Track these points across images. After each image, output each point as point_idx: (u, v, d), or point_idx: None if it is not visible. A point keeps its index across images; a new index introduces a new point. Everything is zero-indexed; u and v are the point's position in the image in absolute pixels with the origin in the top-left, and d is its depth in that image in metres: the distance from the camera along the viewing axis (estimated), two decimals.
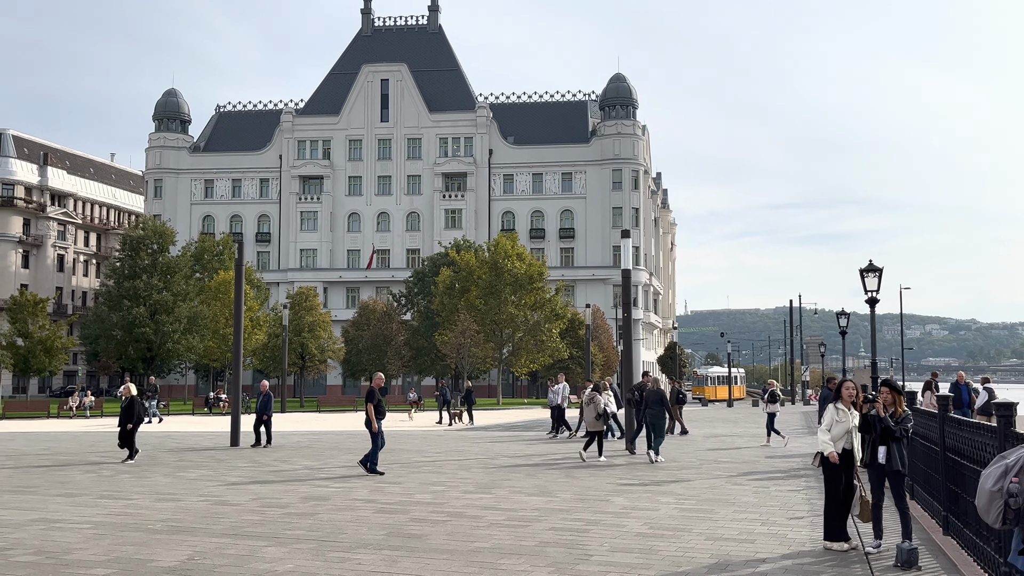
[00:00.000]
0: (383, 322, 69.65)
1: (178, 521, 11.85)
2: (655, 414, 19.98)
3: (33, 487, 15.82)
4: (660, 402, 20.27)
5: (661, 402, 20.32)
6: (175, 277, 69.78)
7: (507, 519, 11.82)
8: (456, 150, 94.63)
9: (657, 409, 20.05)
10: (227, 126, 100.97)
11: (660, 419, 20.01)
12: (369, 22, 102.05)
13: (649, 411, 20.09)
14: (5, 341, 62.44)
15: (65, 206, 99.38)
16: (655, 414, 19.98)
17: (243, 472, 18.22)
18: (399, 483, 16.09)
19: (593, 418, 20.25)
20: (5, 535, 10.82)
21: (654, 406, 20.11)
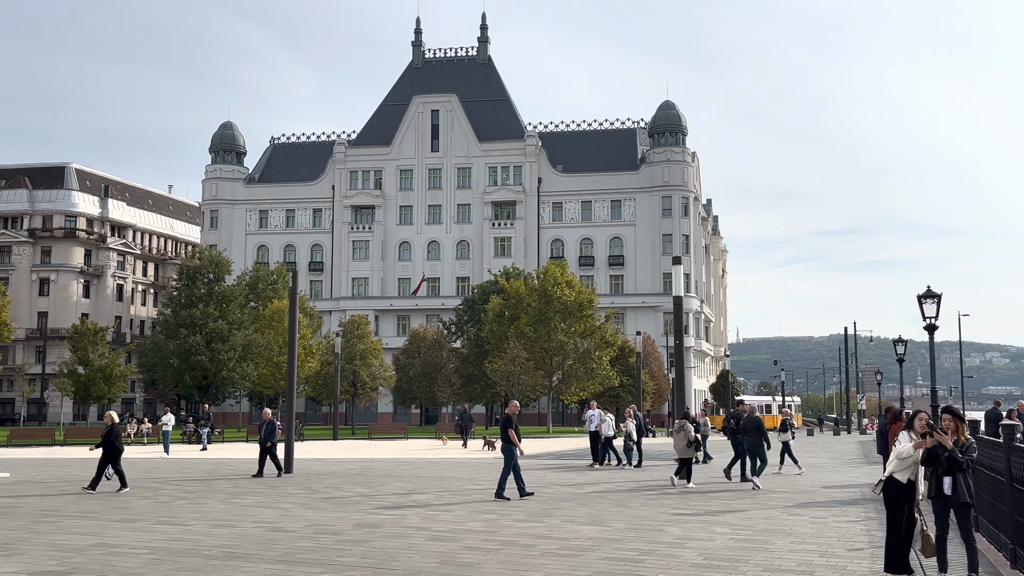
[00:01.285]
0: (433, 350, 69.94)
1: (233, 547, 11.96)
2: (753, 441, 20.41)
3: (92, 512, 16.09)
4: (758, 430, 20.62)
5: (759, 430, 20.66)
6: (230, 306, 70.92)
7: (560, 548, 11.73)
8: (505, 179, 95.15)
9: (755, 437, 20.43)
10: (281, 157, 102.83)
11: (758, 446, 20.40)
12: (420, 54, 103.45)
13: (747, 438, 20.54)
14: (67, 369, 63.90)
15: (125, 237, 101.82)
16: (753, 441, 20.41)
17: (296, 499, 18.35)
18: (451, 511, 16.07)
19: (684, 445, 20.71)
20: (66, 559, 11.01)
21: (752, 433, 20.52)
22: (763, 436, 20.70)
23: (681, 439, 20.83)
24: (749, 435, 20.51)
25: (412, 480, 23.09)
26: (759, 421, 20.97)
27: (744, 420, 21.07)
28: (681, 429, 21.04)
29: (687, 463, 20.64)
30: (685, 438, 20.74)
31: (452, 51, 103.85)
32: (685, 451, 20.69)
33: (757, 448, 20.39)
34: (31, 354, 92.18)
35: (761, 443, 20.52)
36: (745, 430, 20.67)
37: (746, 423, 20.84)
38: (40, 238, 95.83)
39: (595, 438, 28.47)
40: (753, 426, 20.57)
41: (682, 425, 21.16)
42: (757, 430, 20.52)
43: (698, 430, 28.10)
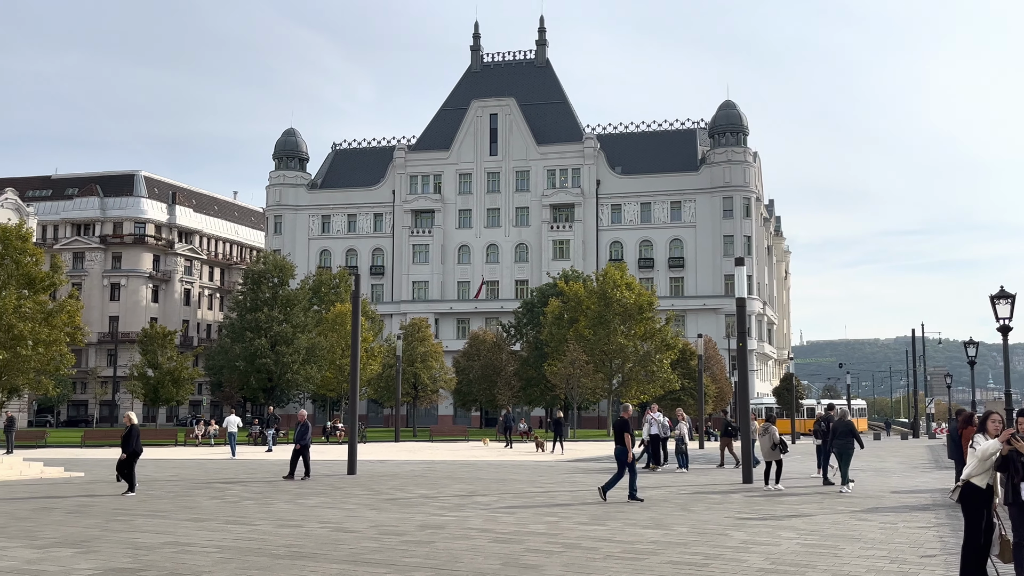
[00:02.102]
0: (493, 352, 70.16)
1: (300, 547, 12.14)
2: (843, 444, 20.33)
3: (164, 512, 16.48)
4: (849, 433, 20.50)
5: (850, 433, 20.53)
6: (294, 309, 72.12)
7: (623, 551, 11.68)
8: (564, 181, 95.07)
9: (846, 440, 20.36)
10: (343, 163, 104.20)
11: (848, 449, 20.36)
12: (478, 59, 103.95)
13: (837, 441, 20.47)
14: (137, 372, 65.60)
15: (191, 243, 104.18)
16: (843, 444, 20.33)
17: (360, 500, 18.56)
18: (513, 513, 16.10)
19: (769, 448, 20.86)
20: (140, 557, 11.30)
21: (842, 436, 20.43)
22: (856, 439, 20.63)
23: (766, 442, 20.99)
24: (840, 438, 20.46)
25: (473, 482, 23.20)
26: (851, 424, 21.02)
27: (835, 423, 21.11)
28: (766, 432, 21.17)
29: (778, 465, 21.01)
30: (770, 440, 20.88)
31: (510, 55, 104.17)
32: (771, 453, 20.91)
33: (847, 451, 20.36)
34: (103, 357, 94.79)
35: (852, 446, 20.45)
36: (836, 433, 20.65)
37: (837, 426, 20.83)
38: (111, 244, 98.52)
39: (655, 441, 28.39)
40: (845, 429, 20.56)
41: (767, 428, 21.32)
42: (849, 433, 20.49)
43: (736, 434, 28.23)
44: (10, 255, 51.36)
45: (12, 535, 13.22)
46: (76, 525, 14.43)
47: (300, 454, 24.17)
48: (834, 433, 20.83)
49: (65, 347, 52.55)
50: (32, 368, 50.66)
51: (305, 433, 24.45)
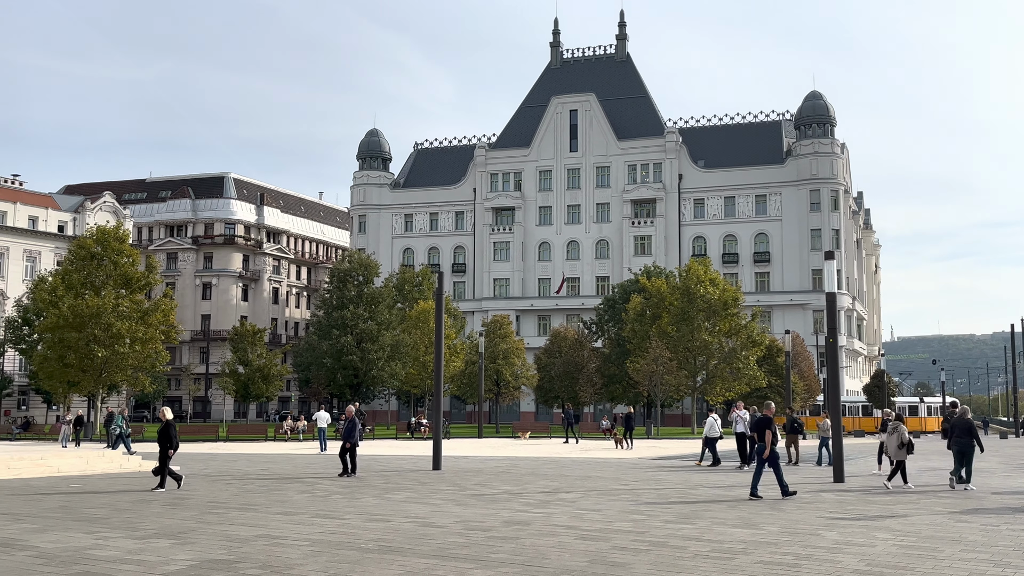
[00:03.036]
0: (574, 349, 69.96)
1: (388, 541, 12.29)
2: (964, 444, 19.94)
3: (256, 505, 16.88)
4: (968, 431, 20.09)
5: (969, 431, 20.11)
6: (379, 307, 73.20)
7: (712, 551, 11.50)
8: (645, 176, 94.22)
9: (965, 439, 19.95)
10: (424, 162, 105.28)
11: (968, 448, 19.98)
12: (558, 55, 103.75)
13: (957, 440, 20.06)
14: (228, 368, 67.46)
15: (279, 242, 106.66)
16: (964, 444, 19.94)
17: (446, 495, 18.71)
18: (598, 510, 16.02)
19: (896, 447, 20.49)
20: (234, 549, 11.59)
21: (962, 435, 20.02)
22: (974, 438, 20.04)
23: (894, 440, 20.58)
24: (960, 437, 19.99)
25: (557, 479, 23.17)
26: (970, 423, 20.51)
27: (953, 421, 20.61)
28: (895, 430, 20.76)
29: (901, 465, 20.64)
30: (898, 439, 20.47)
31: (590, 50, 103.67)
32: (898, 452, 20.50)
33: (968, 450, 19.89)
34: (196, 355, 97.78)
35: (972, 445, 19.94)
36: (955, 432, 20.15)
37: (955, 424, 20.33)
38: (202, 245, 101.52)
39: (742, 439, 28.01)
40: (964, 427, 19.98)
41: (896, 427, 20.88)
42: (968, 431, 20.00)
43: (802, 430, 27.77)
44: (108, 256, 53.46)
45: (114, 526, 13.71)
46: (173, 517, 14.89)
47: (349, 451, 23.86)
48: (953, 431, 20.34)
49: (160, 345, 54.47)
50: (130, 365, 52.68)
51: (352, 430, 24.08)
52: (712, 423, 28.79)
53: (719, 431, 28.79)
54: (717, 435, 28.52)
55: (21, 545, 11.74)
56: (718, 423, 29.10)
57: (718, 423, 29.10)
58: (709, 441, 28.46)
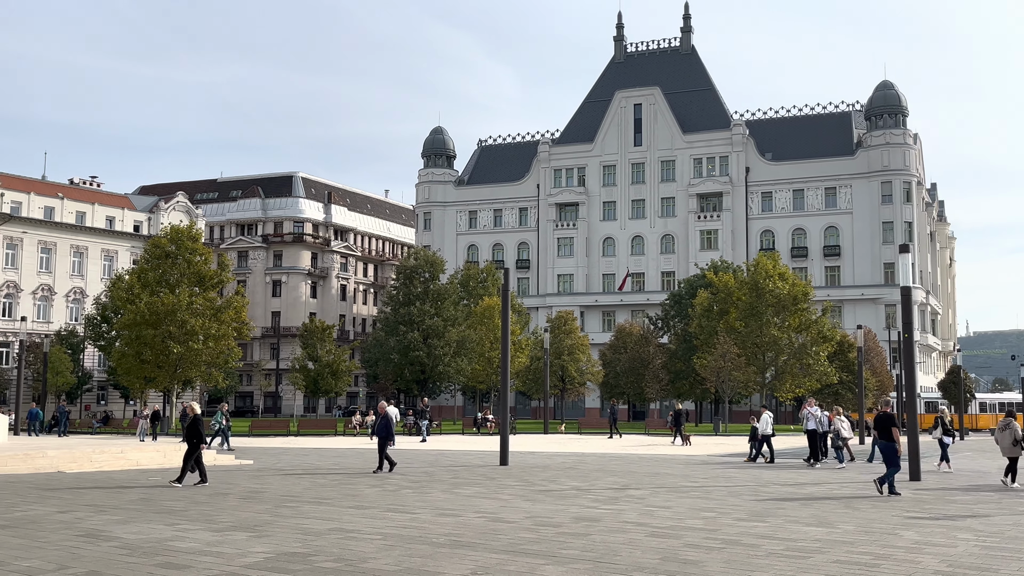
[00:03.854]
0: (640, 345, 69.52)
1: (459, 536, 12.38)
2: None
3: (328, 499, 17.16)
4: None
5: None
6: (445, 303, 73.77)
7: (786, 549, 11.34)
8: (711, 170, 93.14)
9: None
10: (488, 159, 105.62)
11: None
12: (621, 49, 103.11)
13: None
14: (298, 364, 68.68)
15: (346, 240, 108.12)
16: None
17: (514, 490, 18.78)
18: (668, 507, 15.91)
19: (1010, 444, 20.28)
20: (309, 542, 11.80)
21: None
22: None
23: (1007, 437, 20.27)
24: None
25: (625, 475, 23.07)
26: None
27: None
28: (1007, 427, 20.41)
29: (1014, 462, 20.33)
30: (1011, 436, 20.15)
31: (654, 43, 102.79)
32: (1011, 450, 20.19)
33: None
34: (267, 351, 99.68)
35: None
36: None
37: None
38: (272, 243, 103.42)
39: (813, 436, 27.71)
40: None
41: (1008, 423, 20.51)
42: None
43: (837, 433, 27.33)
44: (182, 255, 54.81)
45: (193, 518, 14.07)
46: (249, 510, 15.22)
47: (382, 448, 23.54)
48: None
49: (232, 341, 55.65)
50: (203, 361, 53.93)
51: (387, 426, 23.81)
52: (767, 420, 28.96)
53: (772, 428, 29.08)
54: (771, 432, 28.76)
55: (106, 536, 12.13)
56: (771, 419, 29.36)
57: (771, 419, 29.36)
58: (764, 438, 28.67)
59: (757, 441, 29.09)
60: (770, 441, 28.67)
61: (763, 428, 28.78)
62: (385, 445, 23.64)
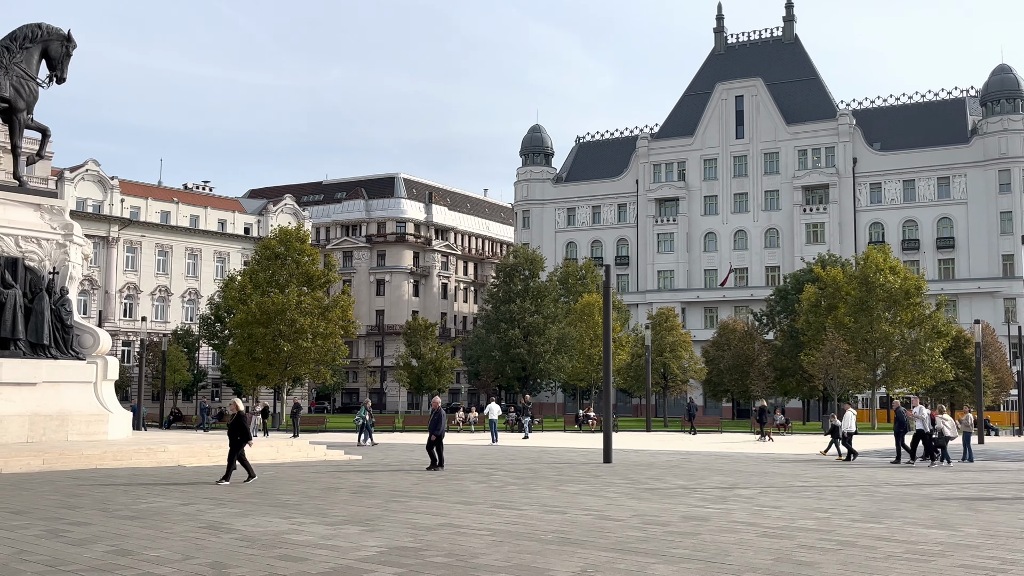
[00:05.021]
0: (744, 342, 68.23)
1: (566, 533, 12.40)
2: None
3: (435, 494, 17.42)
4: None
5: None
6: (544, 301, 73.96)
7: (905, 552, 10.97)
8: (816, 161, 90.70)
9: None
10: (586, 156, 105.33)
11: None
12: (722, 40, 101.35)
13: None
14: (402, 362, 69.90)
15: (447, 239, 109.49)
16: None
17: (619, 488, 18.69)
18: (779, 507, 15.59)
19: None
20: (419, 536, 12.01)
21: None
22: None
23: None
24: None
25: (733, 474, 22.70)
26: None
27: None
28: None
29: None
30: None
31: (756, 34, 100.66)
32: None
33: None
34: (371, 348, 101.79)
35: None
36: None
37: None
38: (375, 243, 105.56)
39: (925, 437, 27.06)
40: None
41: None
42: None
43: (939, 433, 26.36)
44: (291, 255, 56.44)
45: (307, 512, 14.49)
46: (360, 505, 15.57)
47: (436, 443, 23.26)
48: None
49: (339, 339, 57.03)
50: (312, 359, 55.42)
51: (439, 422, 23.42)
52: (850, 417, 28.75)
53: (855, 425, 28.97)
54: (853, 429, 28.60)
55: (226, 528, 12.60)
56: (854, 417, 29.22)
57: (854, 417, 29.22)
58: (847, 435, 28.47)
59: (841, 439, 28.96)
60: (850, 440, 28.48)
61: (846, 425, 28.57)
62: (439, 442, 23.37)
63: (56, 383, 25.92)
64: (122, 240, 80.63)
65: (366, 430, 36.42)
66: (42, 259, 26.46)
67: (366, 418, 36.87)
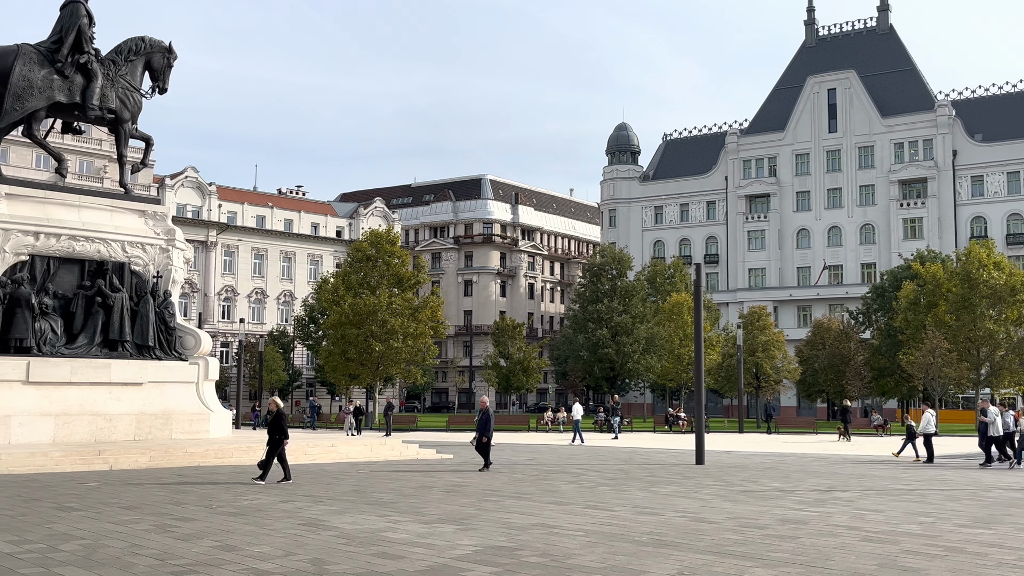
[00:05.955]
0: (839, 341, 66.49)
1: (661, 535, 12.30)
2: None
3: (528, 494, 17.48)
4: None
5: None
6: (632, 300, 73.45)
7: (1018, 559, 10.54)
8: (914, 154, 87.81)
9: None
10: (673, 153, 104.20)
11: None
12: (813, 32, 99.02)
13: None
14: (490, 362, 70.35)
15: (533, 240, 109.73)
16: None
17: (713, 490, 18.44)
18: (880, 511, 15.15)
19: None
20: (513, 536, 12.06)
21: None
22: None
23: None
24: None
25: (830, 477, 22.15)
26: None
27: None
28: None
29: None
30: None
31: (848, 25, 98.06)
32: None
33: None
34: (460, 348, 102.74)
35: None
36: None
37: None
38: (463, 244, 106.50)
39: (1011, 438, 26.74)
40: None
41: None
42: None
43: None
44: (382, 257, 57.39)
45: (403, 510, 14.70)
46: (453, 503, 15.73)
47: (486, 446, 22.80)
48: None
49: (429, 339, 57.73)
50: (403, 359, 56.24)
51: (487, 423, 22.84)
52: (930, 418, 28.14)
53: (935, 427, 28.44)
54: (933, 431, 28.05)
55: (325, 525, 12.88)
56: (934, 418, 28.67)
57: (934, 418, 28.67)
58: (926, 437, 27.85)
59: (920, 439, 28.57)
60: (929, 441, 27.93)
61: (924, 426, 27.99)
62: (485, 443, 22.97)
63: (161, 383, 26.91)
64: (220, 244, 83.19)
65: None
66: (146, 263, 27.50)
67: None
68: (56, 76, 26.45)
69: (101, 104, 27.23)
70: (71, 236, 26.17)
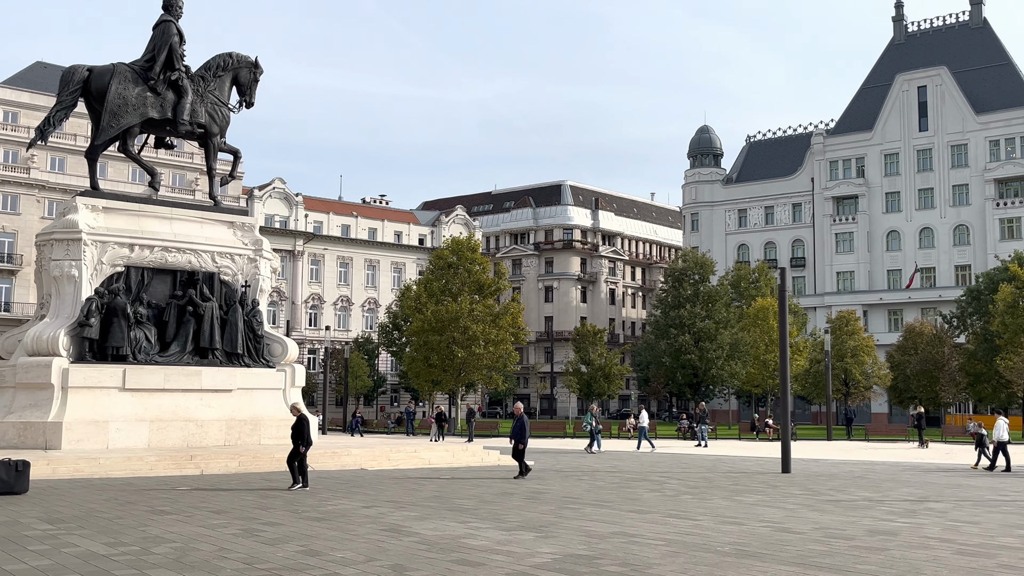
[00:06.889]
0: (932, 346, 64.30)
1: (744, 545, 12.08)
2: None
3: (608, 502, 17.37)
4: None
5: None
6: (716, 305, 72.38)
7: None
8: (1011, 152, 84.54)
9: None
10: (757, 155, 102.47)
11: None
12: (902, 29, 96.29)
13: None
14: (571, 368, 70.21)
15: (614, 245, 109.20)
16: None
17: (799, 499, 18.03)
18: (975, 523, 14.60)
19: None
20: (592, 544, 12.00)
21: None
22: None
23: None
24: None
25: (922, 486, 21.45)
26: None
27: None
28: None
29: None
30: None
31: (939, 20, 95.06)
32: None
33: None
34: (540, 354, 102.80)
35: None
36: None
37: None
38: (543, 250, 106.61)
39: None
40: None
41: None
42: None
43: None
44: (463, 264, 57.86)
45: (483, 517, 14.77)
46: (533, 510, 15.73)
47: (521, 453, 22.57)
48: None
49: (510, 346, 57.93)
50: (484, 365, 56.56)
51: (522, 431, 22.65)
52: (1002, 425, 27.50)
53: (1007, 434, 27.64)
54: (1006, 438, 27.35)
55: (406, 531, 13.03)
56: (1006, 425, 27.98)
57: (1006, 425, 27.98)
58: (1000, 444, 27.16)
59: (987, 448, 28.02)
60: (1006, 448, 27.16)
61: (998, 434, 27.28)
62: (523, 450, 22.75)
63: (249, 390, 27.61)
64: (306, 253, 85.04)
65: (593, 436, 36.69)
66: (235, 273, 28.29)
67: (593, 423, 37.15)
68: (149, 93, 27.47)
69: (191, 119, 28.17)
70: (164, 247, 27.11)
